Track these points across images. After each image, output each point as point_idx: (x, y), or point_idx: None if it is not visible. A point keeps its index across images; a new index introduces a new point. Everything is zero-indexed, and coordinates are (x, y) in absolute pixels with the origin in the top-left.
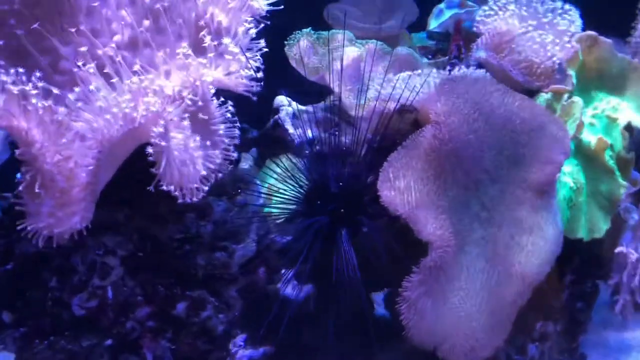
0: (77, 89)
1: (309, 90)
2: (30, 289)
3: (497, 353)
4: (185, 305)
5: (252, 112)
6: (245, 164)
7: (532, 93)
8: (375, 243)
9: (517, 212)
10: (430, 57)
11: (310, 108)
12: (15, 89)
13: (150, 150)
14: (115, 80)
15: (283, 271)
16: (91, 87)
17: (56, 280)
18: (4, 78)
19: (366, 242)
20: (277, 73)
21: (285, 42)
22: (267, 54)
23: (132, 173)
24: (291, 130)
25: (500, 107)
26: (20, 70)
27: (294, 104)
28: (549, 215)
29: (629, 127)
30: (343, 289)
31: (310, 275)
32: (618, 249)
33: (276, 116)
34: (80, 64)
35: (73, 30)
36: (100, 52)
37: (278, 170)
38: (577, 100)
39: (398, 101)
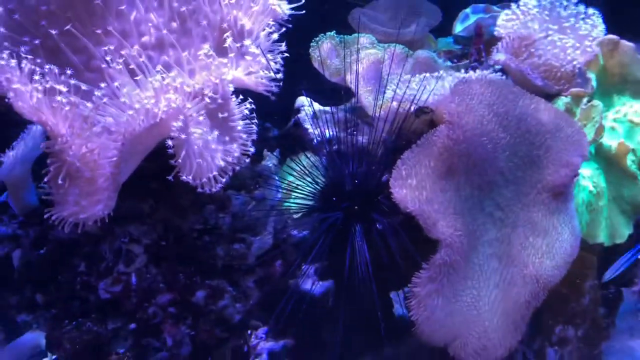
0: (103, 85)
1: (331, 92)
2: (61, 273)
3: (512, 355)
4: (205, 294)
5: (280, 112)
6: (270, 162)
7: (551, 97)
8: (388, 241)
9: (532, 213)
10: (455, 61)
11: (330, 108)
12: (46, 86)
13: (170, 143)
14: (139, 77)
15: (302, 266)
16: (116, 84)
17: (85, 266)
18: (37, 77)
19: (382, 240)
20: (302, 74)
21: (310, 45)
22: (293, 56)
23: (157, 167)
24: (311, 129)
25: (515, 109)
26: (53, 67)
27: (315, 104)
28: (565, 217)
29: None
30: (356, 284)
31: (326, 270)
32: None
33: (297, 116)
34: (108, 60)
35: (104, 31)
36: (127, 52)
37: (297, 168)
38: (597, 103)
39: (412, 102)
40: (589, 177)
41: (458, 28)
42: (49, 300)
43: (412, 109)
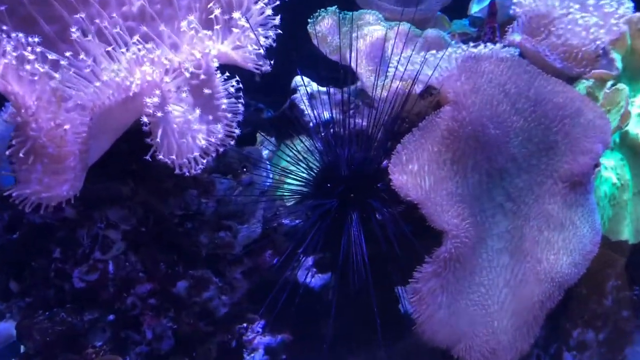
0: (68, 54)
1: (330, 71)
2: (35, 259)
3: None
4: (187, 284)
5: (276, 92)
6: (265, 150)
7: (571, 80)
8: (388, 231)
9: (547, 205)
10: (470, 43)
11: (327, 89)
12: (13, 54)
13: (145, 119)
14: (111, 48)
15: (295, 257)
16: (81, 56)
17: (60, 252)
18: (4, 44)
19: (381, 230)
20: (300, 52)
21: (309, 21)
22: (291, 33)
23: (137, 147)
24: (307, 111)
25: (529, 89)
26: (21, 35)
27: (312, 84)
28: (583, 210)
29: None
30: (352, 276)
31: (325, 262)
32: None
33: (293, 96)
34: (83, 30)
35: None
36: (103, 21)
37: (291, 152)
38: (622, 87)
39: (415, 80)
40: (612, 168)
41: (474, 8)
42: (23, 289)
43: (417, 89)
